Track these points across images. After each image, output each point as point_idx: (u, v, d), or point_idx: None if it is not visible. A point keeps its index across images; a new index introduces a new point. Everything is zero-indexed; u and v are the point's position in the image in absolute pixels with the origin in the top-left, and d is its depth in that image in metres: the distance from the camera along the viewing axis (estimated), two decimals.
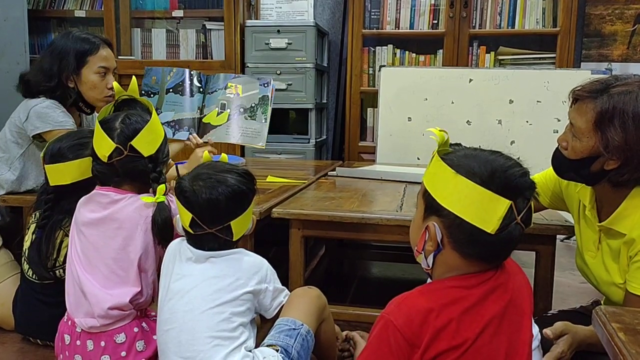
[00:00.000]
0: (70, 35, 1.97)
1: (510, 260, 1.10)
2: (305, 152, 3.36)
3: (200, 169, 1.28)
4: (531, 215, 1.01)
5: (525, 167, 1.02)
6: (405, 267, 2.81)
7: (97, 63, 1.95)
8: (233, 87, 2.27)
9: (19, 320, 1.66)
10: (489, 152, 1.05)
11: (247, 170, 1.31)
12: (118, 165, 1.38)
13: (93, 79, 1.95)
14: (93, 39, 1.96)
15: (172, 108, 2.21)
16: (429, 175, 1.06)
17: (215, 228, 1.23)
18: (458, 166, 1.00)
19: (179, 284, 1.24)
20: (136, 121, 1.39)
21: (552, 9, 3.21)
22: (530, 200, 1.01)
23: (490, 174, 0.98)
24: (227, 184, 1.23)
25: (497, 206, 0.96)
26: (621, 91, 1.22)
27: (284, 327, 1.25)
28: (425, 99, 2.97)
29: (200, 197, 1.21)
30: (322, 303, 1.36)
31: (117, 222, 1.37)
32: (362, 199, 1.84)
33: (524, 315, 1.04)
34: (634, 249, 1.24)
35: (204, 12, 3.53)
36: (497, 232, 0.97)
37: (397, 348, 0.97)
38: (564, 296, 2.34)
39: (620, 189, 1.29)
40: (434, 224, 1.02)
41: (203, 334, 1.18)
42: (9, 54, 2.95)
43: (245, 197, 1.27)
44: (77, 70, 1.93)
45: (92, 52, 1.94)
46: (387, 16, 3.37)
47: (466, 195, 0.98)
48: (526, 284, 1.09)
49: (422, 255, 1.07)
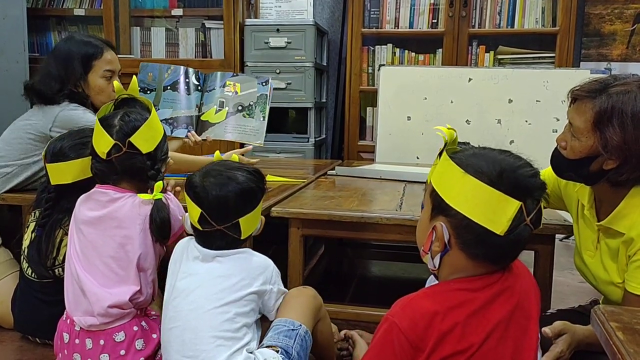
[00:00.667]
0: (73, 39, 1.96)
1: (518, 261, 1.08)
2: (304, 151, 3.36)
3: (211, 166, 1.29)
4: (541, 216, 1.00)
5: (535, 167, 1.00)
6: (404, 266, 2.81)
7: (103, 67, 1.95)
8: (231, 86, 2.27)
9: (18, 318, 1.66)
10: (498, 151, 1.03)
11: (257, 169, 1.32)
12: (116, 162, 1.38)
13: (100, 83, 1.95)
14: (96, 42, 1.96)
15: (169, 105, 2.21)
16: (437, 175, 1.04)
17: (224, 225, 1.24)
18: (467, 165, 0.99)
19: (185, 283, 1.25)
20: (135, 118, 1.39)
21: (551, 8, 3.21)
22: (540, 201, 0.99)
23: (499, 173, 0.97)
24: (237, 181, 1.24)
25: (506, 207, 0.95)
26: (620, 91, 1.22)
27: (282, 328, 1.25)
28: (425, 98, 2.97)
29: (210, 193, 1.22)
30: (317, 303, 1.36)
31: (116, 221, 1.37)
32: (362, 198, 1.84)
33: (530, 319, 1.03)
34: (633, 248, 1.25)
35: (203, 10, 3.52)
36: (506, 233, 0.95)
37: (401, 351, 0.96)
38: (563, 295, 2.34)
39: (619, 188, 1.29)
40: (442, 224, 1.01)
41: (206, 333, 1.18)
42: (8, 52, 2.94)
43: (254, 195, 1.27)
44: (84, 76, 1.93)
45: (96, 56, 1.94)
46: (387, 15, 3.37)
47: (474, 195, 0.97)
48: (534, 286, 1.08)
49: (429, 255, 1.05)
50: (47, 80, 1.91)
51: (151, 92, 2.24)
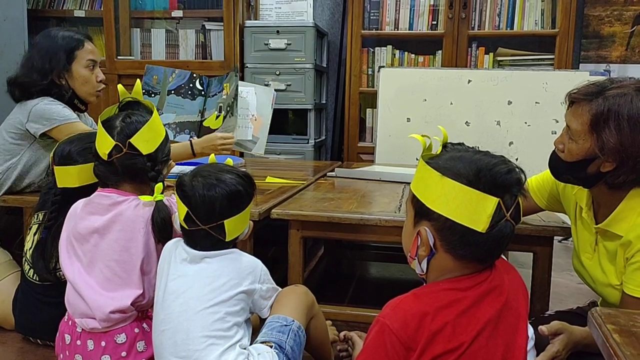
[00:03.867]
0: (53, 34, 1.99)
1: (506, 261, 1.10)
2: (304, 152, 3.36)
3: (203, 167, 1.31)
4: (520, 211, 1.02)
5: (511, 164, 1.02)
6: (403, 268, 2.81)
7: (86, 57, 1.99)
8: (226, 88, 2.28)
9: (19, 320, 1.67)
10: (473, 152, 1.05)
11: (248, 173, 1.32)
12: (117, 163, 1.39)
13: (83, 73, 1.99)
14: (76, 36, 2.00)
15: (173, 110, 2.21)
16: (416, 181, 1.07)
17: (208, 225, 1.24)
18: (444, 169, 1.01)
19: (174, 285, 1.25)
20: (136, 120, 1.40)
21: (550, 10, 3.21)
22: (517, 196, 1.01)
23: (475, 173, 0.99)
24: (225, 183, 1.25)
25: (485, 204, 0.97)
26: (616, 93, 1.23)
27: (275, 324, 1.27)
28: (424, 99, 2.98)
29: (197, 192, 1.23)
30: (309, 299, 1.37)
31: (119, 224, 1.37)
32: (361, 200, 1.85)
33: (519, 318, 1.04)
34: (631, 250, 1.25)
35: (203, 12, 3.53)
36: (488, 230, 0.97)
37: (393, 352, 0.98)
38: (561, 297, 2.35)
39: (617, 191, 1.29)
40: (425, 229, 1.03)
41: (198, 333, 1.19)
42: (8, 53, 2.94)
43: (241, 198, 1.28)
44: (67, 66, 1.96)
45: (79, 46, 1.98)
46: (386, 17, 3.38)
47: (454, 196, 0.99)
48: (522, 285, 1.10)
49: (416, 261, 1.07)
50: (29, 73, 1.94)
51: (155, 95, 2.24)
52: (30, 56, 1.98)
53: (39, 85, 1.92)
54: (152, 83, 2.23)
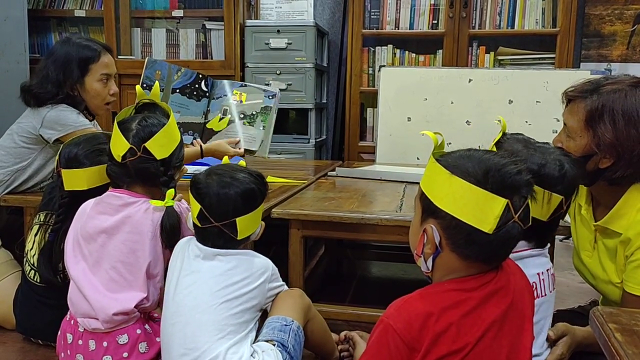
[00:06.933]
0: (71, 42, 1.97)
1: (512, 262, 1.09)
2: (305, 152, 3.36)
3: (217, 166, 1.34)
4: (529, 213, 1.01)
5: (521, 165, 1.01)
6: (404, 267, 2.81)
7: (100, 71, 1.97)
8: (238, 95, 2.27)
9: (20, 320, 1.66)
10: (483, 151, 1.05)
11: (260, 173, 1.35)
12: (130, 165, 1.38)
13: (96, 87, 1.97)
14: (94, 46, 1.97)
15: (177, 109, 2.19)
16: (425, 178, 1.06)
17: (221, 223, 1.26)
18: (453, 167, 1.00)
19: (187, 280, 1.27)
20: (152, 124, 1.40)
21: (551, 9, 3.21)
22: (527, 197, 0.99)
23: (484, 173, 0.98)
24: (239, 181, 1.28)
25: (493, 205, 0.96)
26: (611, 90, 1.25)
27: (276, 324, 1.29)
28: (425, 99, 2.98)
29: (212, 189, 1.26)
30: (306, 302, 1.39)
31: (128, 226, 1.37)
32: (362, 199, 1.85)
33: (525, 319, 1.04)
34: (630, 248, 1.25)
35: (204, 11, 3.53)
36: (495, 231, 0.96)
37: (397, 352, 0.97)
38: (563, 296, 2.34)
39: (616, 187, 1.30)
40: (432, 227, 1.02)
41: (209, 327, 1.22)
42: (8, 53, 2.95)
43: (254, 196, 1.30)
44: (80, 79, 1.94)
45: (94, 60, 1.96)
46: (387, 16, 3.37)
47: (462, 195, 0.98)
48: (528, 286, 1.09)
49: (422, 258, 1.06)
50: (44, 83, 1.92)
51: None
52: (45, 65, 1.96)
53: (56, 96, 1.91)
54: (154, 77, 2.20)
